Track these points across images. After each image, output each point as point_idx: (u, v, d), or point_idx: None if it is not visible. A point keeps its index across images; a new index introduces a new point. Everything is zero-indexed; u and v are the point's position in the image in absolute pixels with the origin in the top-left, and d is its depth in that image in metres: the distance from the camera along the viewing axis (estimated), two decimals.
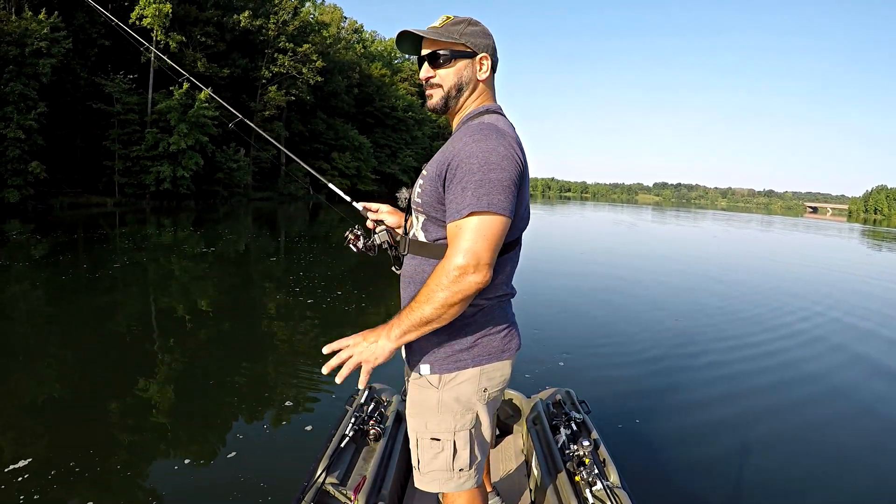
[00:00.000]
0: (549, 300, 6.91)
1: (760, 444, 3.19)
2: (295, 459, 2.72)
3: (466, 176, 1.09)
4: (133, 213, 19.48)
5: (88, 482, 2.48)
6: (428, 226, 1.23)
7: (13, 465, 2.59)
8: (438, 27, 1.25)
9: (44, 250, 9.78)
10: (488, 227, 1.08)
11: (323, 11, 39.57)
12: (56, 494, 2.39)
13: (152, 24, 23.67)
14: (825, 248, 19.66)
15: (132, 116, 23.45)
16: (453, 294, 1.08)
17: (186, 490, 2.48)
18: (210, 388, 3.74)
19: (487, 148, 1.09)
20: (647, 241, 18.28)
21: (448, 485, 1.30)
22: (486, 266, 1.08)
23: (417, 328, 1.12)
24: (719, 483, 2.74)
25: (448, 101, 1.27)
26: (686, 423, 3.47)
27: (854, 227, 42.25)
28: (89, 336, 4.95)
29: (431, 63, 1.25)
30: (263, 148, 32.50)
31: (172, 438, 2.97)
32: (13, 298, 6.18)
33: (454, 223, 1.10)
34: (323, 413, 3.35)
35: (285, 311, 6.24)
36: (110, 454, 2.73)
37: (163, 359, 4.30)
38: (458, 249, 1.08)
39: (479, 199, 1.07)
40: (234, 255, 10.60)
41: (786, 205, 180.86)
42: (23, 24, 18.45)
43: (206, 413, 3.32)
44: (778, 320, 6.57)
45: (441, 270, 1.09)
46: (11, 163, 18.19)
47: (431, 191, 1.19)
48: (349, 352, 1.14)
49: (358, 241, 1.44)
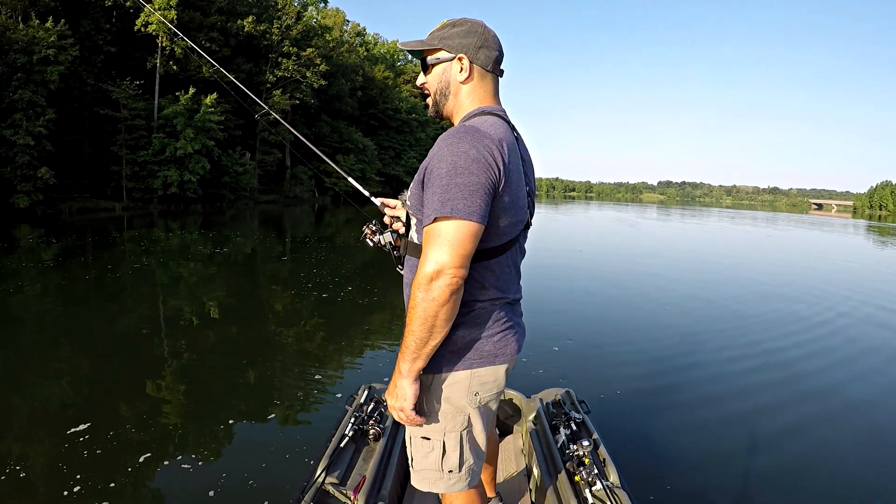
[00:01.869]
0: (548, 299, 6.90)
1: (761, 443, 3.18)
2: (295, 459, 2.74)
3: (435, 181, 1.09)
4: (141, 217, 19.64)
5: (94, 481, 2.52)
6: (419, 227, 1.24)
7: (22, 462, 2.64)
8: (428, 35, 1.27)
9: (53, 254, 9.89)
10: (452, 232, 1.06)
11: (325, 15, 39.70)
12: (64, 494, 2.43)
13: (157, 30, 23.89)
14: (827, 244, 19.47)
15: (139, 122, 23.67)
16: (430, 303, 1.08)
17: (187, 489, 2.51)
18: (215, 389, 3.77)
19: (458, 152, 1.08)
20: (648, 240, 18.19)
21: (438, 485, 1.30)
22: (454, 268, 1.06)
23: (420, 351, 1.13)
24: (720, 483, 2.73)
25: (437, 107, 1.28)
26: (686, 422, 3.46)
27: (859, 224, 41.85)
28: (98, 338, 5.01)
29: (423, 70, 1.28)
30: (269, 151, 32.71)
31: (175, 438, 3.00)
32: (24, 301, 6.26)
33: (425, 229, 1.11)
34: (323, 413, 3.37)
35: (292, 311, 6.28)
36: (116, 453, 2.77)
37: (170, 361, 4.35)
38: (424, 258, 1.09)
39: (443, 205, 1.06)
40: (241, 258, 10.67)
41: (791, 202, 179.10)
42: (30, 32, 18.69)
43: (209, 413, 3.35)
44: (778, 320, 6.53)
45: (414, 284, 1.10)
46: (21, 168, 18.46)
47: (416, 194, 1.20)
48: (391, 411, 1.25)
49: (374, 236, 1.48)
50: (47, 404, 3.48)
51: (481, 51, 1.23)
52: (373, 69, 43.81)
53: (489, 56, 1.25)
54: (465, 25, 1.24)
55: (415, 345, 1.12)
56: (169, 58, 25.64)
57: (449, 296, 1.07)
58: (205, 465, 2.73)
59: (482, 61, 1.24)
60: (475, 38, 1.23)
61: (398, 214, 1.51)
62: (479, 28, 1.24)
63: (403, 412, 1.20)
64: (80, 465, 2.66)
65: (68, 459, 2.71)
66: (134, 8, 23.83)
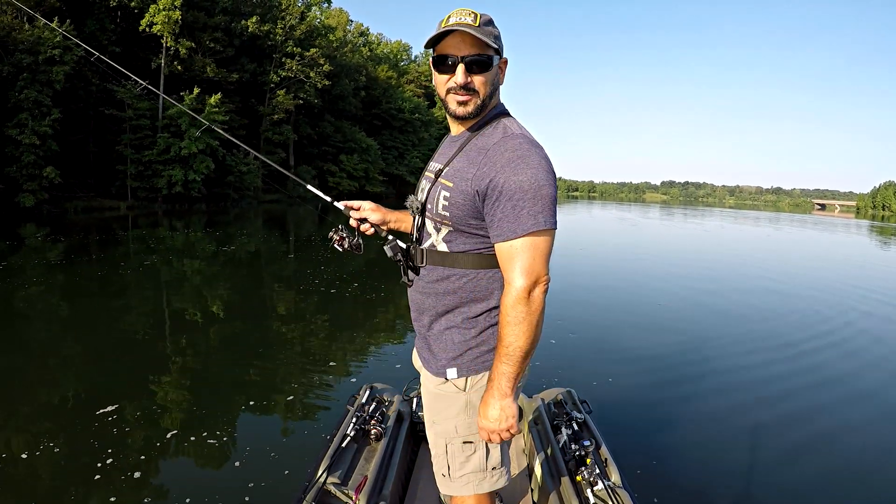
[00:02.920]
0: (549, 299, 6.88)
1: (762, 443, 3.16)
2: (296, 459, 2.74)
3: (518, 195, 1.09)
4: (145, 216, 19.75)
5: (96, 478, 2.53)
6: (454, 237, 1.22)
7: (30, 459, 2.66)
8: (475, 25, 1.12)
9: (59, 253, 9.95)
10: (543, 243, 1.12)
11: (329, 15, 39.74)
12: (66, 490, 2.45)
13: (162, 30, 23.99)
14: (828, 244, 19.35)
15: (144, 122, 23.77)
16: (534, 315, 1.13)
17: (188, 488, 2.51)
18: (216, 387, 3.79)
19: (534, 164, 1.11)
20: (650, 239, 18.12)
21: (483, 485, 1.31)
22: (546, 276, 1.14)
23: (524, 363, 1.17)
24: (721, 482, 2.73)
25: (483, 108, 1.21)
26: (688, 422, 3.45)
27: (861, 224, 41.65)
28: (102, 336, 5.03)
29: (470, 67, 1.14)
30: (273, 151, 32.79)
31: (178, 437, 3.01)
32: (30, 299, 6.30)
33: (508, 243, 1.12)
34: (324, 413, 3.38)
35: (295, 310, 6.30)
36: (116, 452, 2.77)
37: (173, 358, 4.37)
38: (519, 271, 1.12)
39: (535, 218, 1.10)
40: (245, 256, 10.70)
41: (794, 202, 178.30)
42: (36, 32, 18.80)
43: (209, 412, 3.36)
44: (779, 319, 6.51)
45: (512, 300, 1.12)
46: (27, 168, 18.59)
47: (465, 205, 1.17)
48: (485, 435, 1.21)
49: (343, 242, 1.45)
50: (50, 400, 3.50)
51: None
52: (376, 69, 43.86)
53: None
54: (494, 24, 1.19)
55: (521, 359, 1.16)
56: (173, 58, 25.74)
57: (544, 303, 1.15)
58: (205, 465, 2.75)
59: None
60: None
61: (364, 216, 1.46)
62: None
63: (512, 429, 1.20)
64: (80, 462, 2.68)
65: (70, 456, 2.73)
66: (138, 8, 23.95)
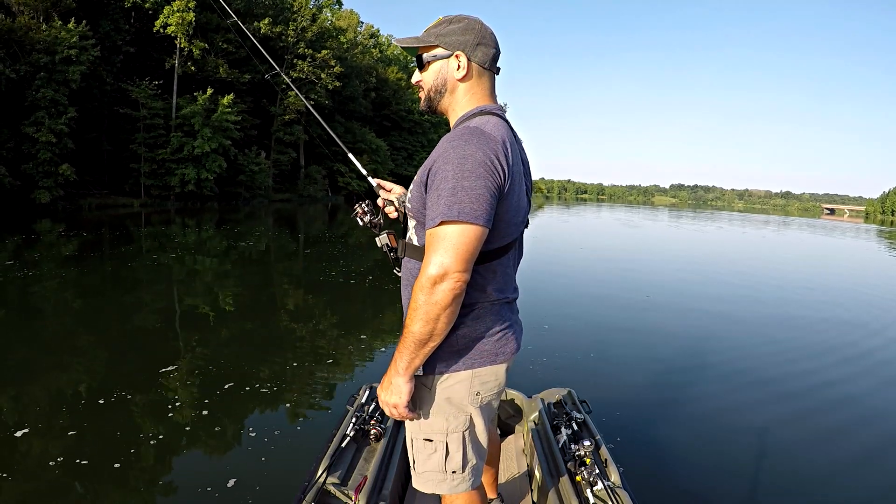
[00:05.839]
0: (549, 299, 6.87)
1: (762, 443, 3.14)
2: (296, 459, 2.72)
3: (442, 183, 1.08)
4: (158, 214, 20.00)
5: (101, 473, 2.58)
6: (419, 230, 1.23)
7: (40, 457, 2.71)
8: (424, 31, 1.26)
9: (73, 249, 10.12)
10: (458, 235, 1.06)
11: (340, 17, 39.97)
12: (75, 483, 2.49)
13: (176, 32, 24.31)
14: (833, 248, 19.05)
15: (157, 121, 24.11)
16: (432, 306, 1.07)
17: (187, 487, 2.52)
18: (216, 387, 3.79)
19: (464, 154, 1.07)
20: (651, 241, 17.98)
21: (441, 486, 1.30)
22: (458, 273, 1.06)
23: (418, 350, 1.13)
24: (721, 483, 2.71)
25: (430, 103, 1.28)
26: (688, 422, 3.43)
27: (870, 228, 41.08)
28: (115, 331, 5.11)
29: (418, 67, 1.27)
30: (284, 150, 33.07)
31: (178, 435, 3.03)
32: (44, 294, 6.43)
33: (428, 231, 1.10)
34: (324, 413, 3.38)
35: (301, 308, 6.35)
36: (116, 450, 2.80)
37: (182, 356, 4.42)
38: (427, 261, 1.08)
39: (449, 208, 1.05)
40: (256, 254, 10.80)
41: (803, 206, 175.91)
42: (52, 32, 19.15)
43: (209, 411, 3.37)
44: (779, 319, 6.44)
45: (417, 286, 1.09)
46: (43, 165, 18.95)
47: (418, 196, 1.19)
48: (382, 406, 1.24)
49: (365, 216, 1.49)
50: (62, 395, 3.56)
51: (479, 48, 1.21)
52: (386, 70, 44.03)
53: (487, 53, 1.22)
54: (462, 22, 1.21)
55: (414, 345, 1.12)
56: (187, 58, 26.07)
57: (451, 300, 1.07)
58: (204, 464, 2.75)
59: (480, 59, 1.22)
60: (473, 35, 1.20)
61: (393, 199, 1.50)
62: (476, 25, 1.21)
63: (397, 409, 1.20)
64: (81, 456, 2.73)
65: (81, 452, 2.78)
66: (153, 9, 24.28)
